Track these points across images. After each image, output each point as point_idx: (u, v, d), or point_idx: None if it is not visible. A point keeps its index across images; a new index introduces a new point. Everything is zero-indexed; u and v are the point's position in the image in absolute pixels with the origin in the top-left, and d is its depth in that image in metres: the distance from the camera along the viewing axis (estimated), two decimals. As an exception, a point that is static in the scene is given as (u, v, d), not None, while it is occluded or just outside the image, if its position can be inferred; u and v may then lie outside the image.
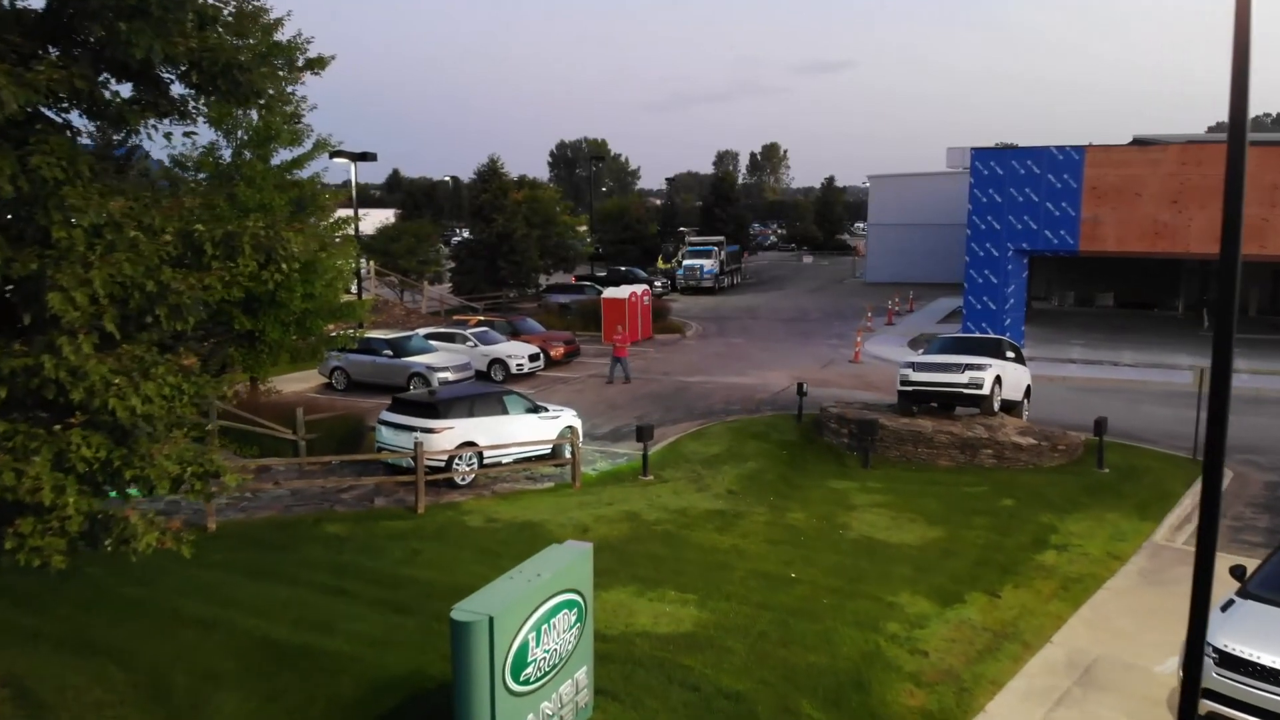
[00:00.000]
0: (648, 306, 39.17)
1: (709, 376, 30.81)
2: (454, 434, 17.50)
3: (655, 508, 16.41)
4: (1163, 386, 28.69)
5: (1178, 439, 22.28)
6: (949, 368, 20.31)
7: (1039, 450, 19.42)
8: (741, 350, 36.05)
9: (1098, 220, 32.03)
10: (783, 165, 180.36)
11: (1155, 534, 15.78)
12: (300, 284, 21.78)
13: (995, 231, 33.69)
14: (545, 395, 27.75)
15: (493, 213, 46.61)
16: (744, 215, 78.45)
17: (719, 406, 26.16)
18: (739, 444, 21.18)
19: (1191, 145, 31.74)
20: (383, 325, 37.47)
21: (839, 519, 16.05)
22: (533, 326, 34.66)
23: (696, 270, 57.30)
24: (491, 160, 48.00)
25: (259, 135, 22.13)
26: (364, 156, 36.26)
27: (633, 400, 27.13)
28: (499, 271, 46.56)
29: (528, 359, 30.41)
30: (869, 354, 34.38)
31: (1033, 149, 33.03)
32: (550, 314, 42.99)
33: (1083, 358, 32.69)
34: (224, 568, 13.51)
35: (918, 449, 19.73)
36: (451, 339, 31.17)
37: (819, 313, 47.67)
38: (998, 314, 34.11)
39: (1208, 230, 30.64)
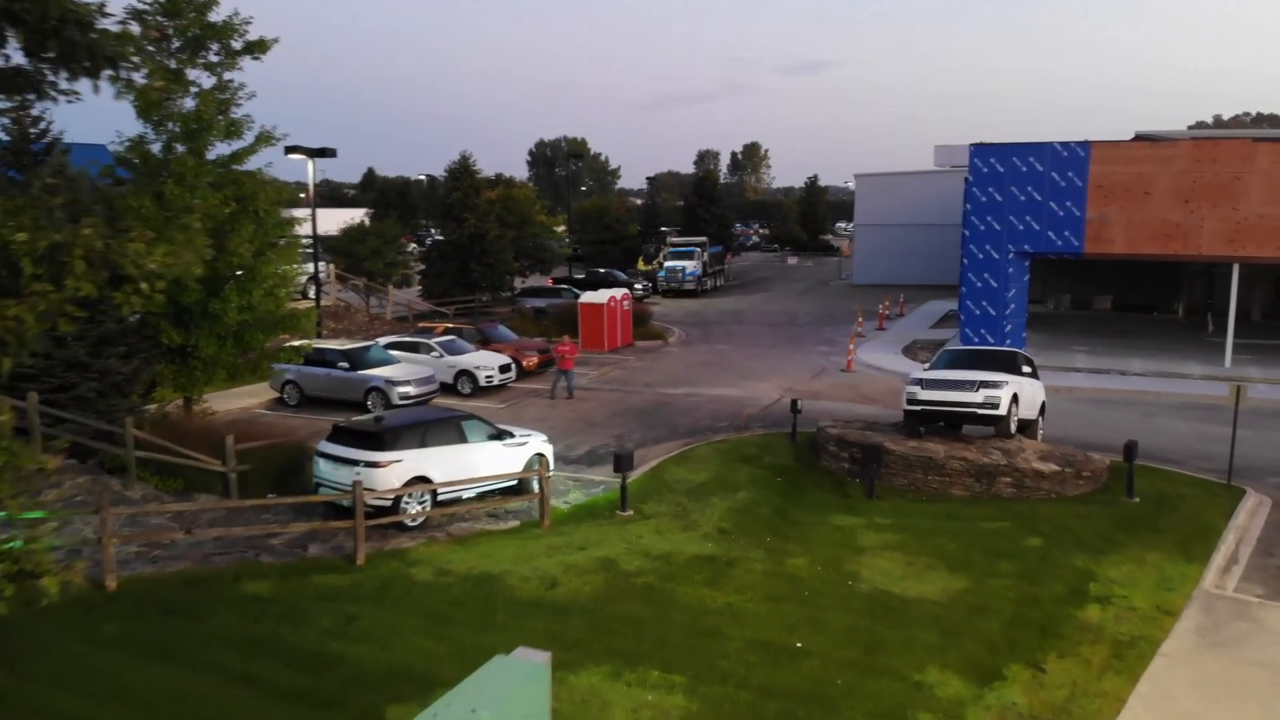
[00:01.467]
0: (628, 312, 37.01)
1: (693, 388, 28.68)
2: (402, 468, 15.25)
3: (635, 553, 14.24)
4: (1177, 398, 26.83)
5: (1205, 459, 20.40)
6: (961, 385, 18.26)
7: (1062, 478, 17.41)
8: (727, 358, 33.96)
9: (1104, 220, 30.17)
10: (764, 165, 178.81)
11: (1204, 579, 13.79)
12: (235, 293, 19.51)
13: (995, 232, 31.75)
14: (517, 410, 25.58)
15: (464, 212, 44.26)
16: (727, 215, 76.44)
17: (705, 423, 24.04)
18: (728, 470, 19.05)
19: (1205, 141, 29.94)
20: (344, 333, 35.12)
21: (847, 565, 13.94)
22: (504, 334, 32.39)
23: (679, 272, 55.19)
24: (463, 157, 45.67)
25: (189, 126, 19.80)
26: (322, 153, 33.90)
27: (611, 416, 24.95)
28: (470, 274, 44.23)
29: (498, 370, 28.16)
30: (862, 362, 32.37)
31: (1035, 145, 31.12)
32: (525, 319, 40.73)
33: (1088, 366, 30.80)
34: (117, 644, 11.22)
35: (928, 477, 17.67)
36: (415, 349, 28.87)
37: (807, 316, 45.67)
38: (998, 320, 32.19)
39: (1222, 231, 28.87)
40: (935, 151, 67.87)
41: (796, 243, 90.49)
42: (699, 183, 74.86)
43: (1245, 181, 28.23)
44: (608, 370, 31.75)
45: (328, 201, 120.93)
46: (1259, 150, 28.24)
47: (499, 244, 44.81)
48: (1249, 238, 28.40)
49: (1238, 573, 14.26)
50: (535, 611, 12.04)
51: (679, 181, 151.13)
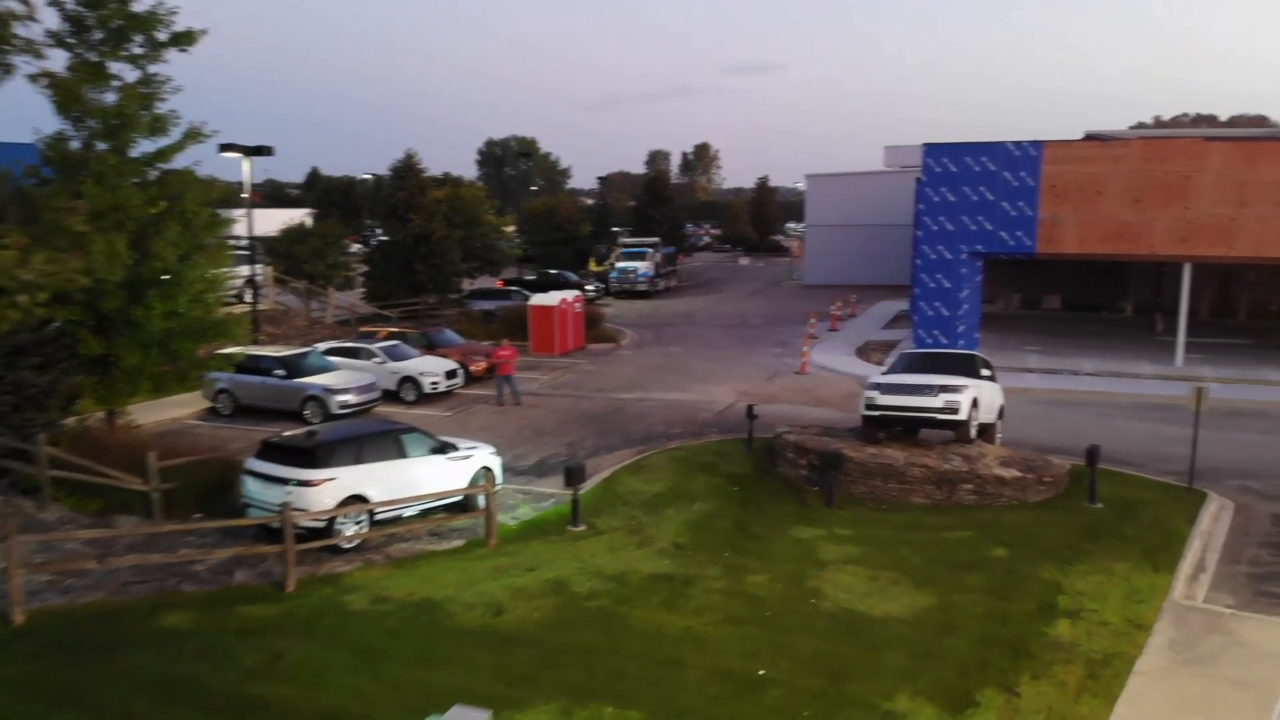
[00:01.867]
0: (580, 314, 36.18)
1: (647, 393, 27.97)
2: (336, 486, 14.29)
3: (588, 572, 13.46)
4: (1131, 399, 26.79)
5: (1164, 461, 20.22)
6: (921, 389, 17.79)
7: (1024, 484, 17.01)
8: (681, 361, 33.31)
9: (1057, 220, 30.07)
10: (714, 165, 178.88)
11: (1173, 589, 13.42)
12: (159, 300, 18.34)
13: (948, 233, 31.52)
14: (464, 418, 24.65)
15: (409, 212, 43.02)
16: (679, 215, 75.88)
17: (659, 429, 23.34)
18: (684, 479, 18.35)
19: (1156, 140, 30.02)
20: (283, 338, 33.80)
21: (809, 582, 13.32)
22: (451, 338, 31.37)
23: (631, 273, 54.51)
24: (408, 155, 44.41)
25: (110, 122, 18.58)
26: (259, 150, 32.60)
27: (562, 424, 24.13)
28: (416, 276, 42.99)
29: (444, 376, 27.16)
30: (816, 364, 31.93)
31: (988, 144, 30.94)
32: (473, 322, 39.69)
33: (1041, 366, 30.72)
34: (19, 687, 10.18)
35: (888, 484, 17.16)
36: (356, 354, 27.74)
37: (759, 318, 45.25)
38: (951, 320, 31.97)
39: (1173, 231, 28.91)
40: (885, 152, 67.93)
41: (748, 243, 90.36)
42: (650, 183, 74.24)
43: (1196, 181, 28.31)
44: (559, 375, 30.92)
45: (270, 201, 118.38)
46: (1210, 149, 28.33)
47: (445, 244, 43.65)
48: (1200, 237, 28.48)
49: (1206, 581, 13.93)
50: (479, 642, 11.22)
51: (630, 182, 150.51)
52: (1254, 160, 27.83)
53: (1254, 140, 29.25)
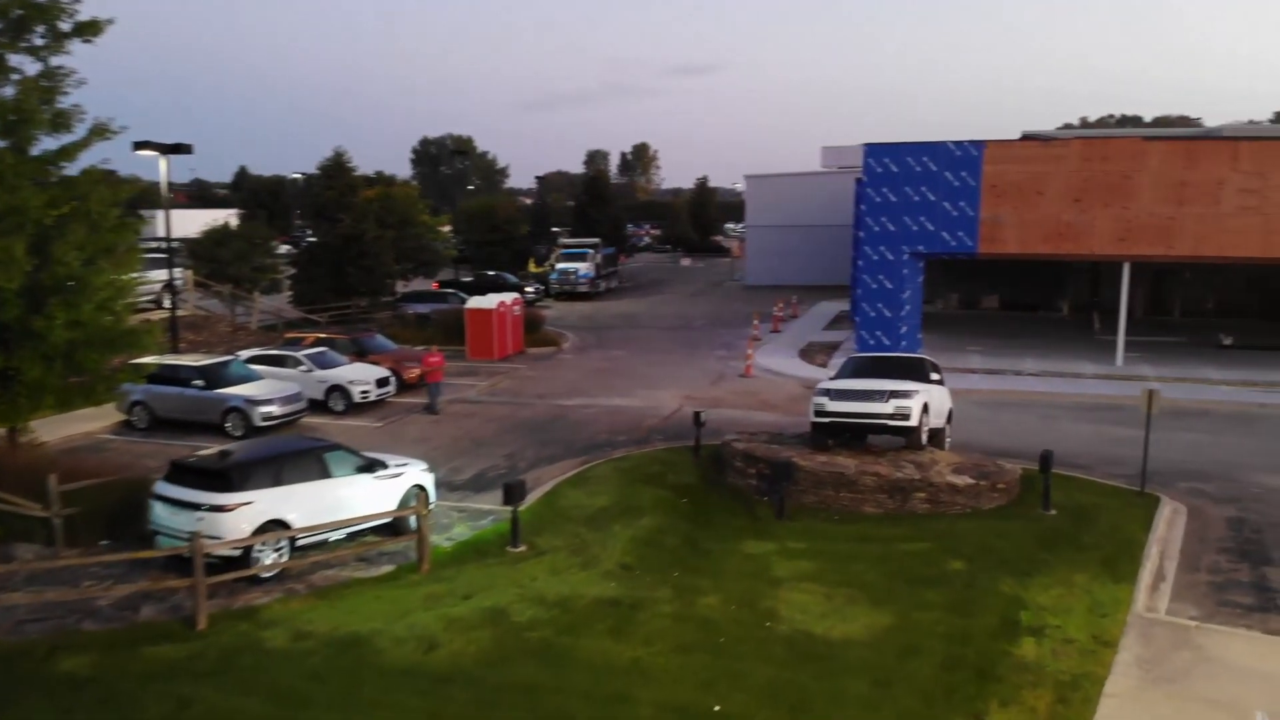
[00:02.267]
0: (519, 317, 35.17)
1: (590, 399, 27.13)
2: (253, 511, 13.18)
3: (528, 599, 12.59)
4: (1074, 399, 26.76)
5: (1113, 464, 20.05)
6: (871, 395, 17.27)
7: (977, 491, 16.58)
8: (624, 365, 32.53)
9: (998, 220, 30.01)
10: (653, 165, 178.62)
11: (1135, 601, 13.05)
12: (61, 308, 16.92)
13: (890, 233, 31.28)
14: (396, 429, 23.53)
15: (338, 212, 41.56)
16: (619, 215, 75.11)
17: (603, 438, 22.52)
18: (630, 492, 17.56)
19: (1095, 140, 30.14)
20: (204, 345, 32.18)
21: (763, 602, 12.63)
22: (383, 344, 30.11)
23: (571, 274, 53.58)
24: (337, 153, 42.91)
25: (7, 118, 17.12)
26: (177, 148, 30.89)
27: (501, 433, 23.17)
28: (346, 278, 41.50)
29: (375, 384, 25.95)
30: (761, 367, 31.42)
31: (929, 144, 30.76)
32: (407, 326, 38.40)
33: (983, 367, 30.61)
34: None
35: (839, 494, 16.58)
36: (281, 362, 26.39)
37: (702, 319, 44.70)
38: (893, 321, 31.75)
39: (1113, 230, 29.04)
40: (822, 152, 68.43)
41: (689, 244, 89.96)
42: (590, 182, 73.32)
43: (1136, 180, 28.44)
44: (498, 381, 29.90)
45: (196, 202, 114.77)
46: (1149, 149, 28.50)
47: (377, 245, 42.21)
48: (1140, 237, 28.63)
49: (1167, 591, 13.60)
50: (410, 683, 10.29)
51: (569, 181, 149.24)
52: (1193, 160, 28.06)
53: (1192, 140, 29.54)
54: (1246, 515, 16.77)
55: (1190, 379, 28.20)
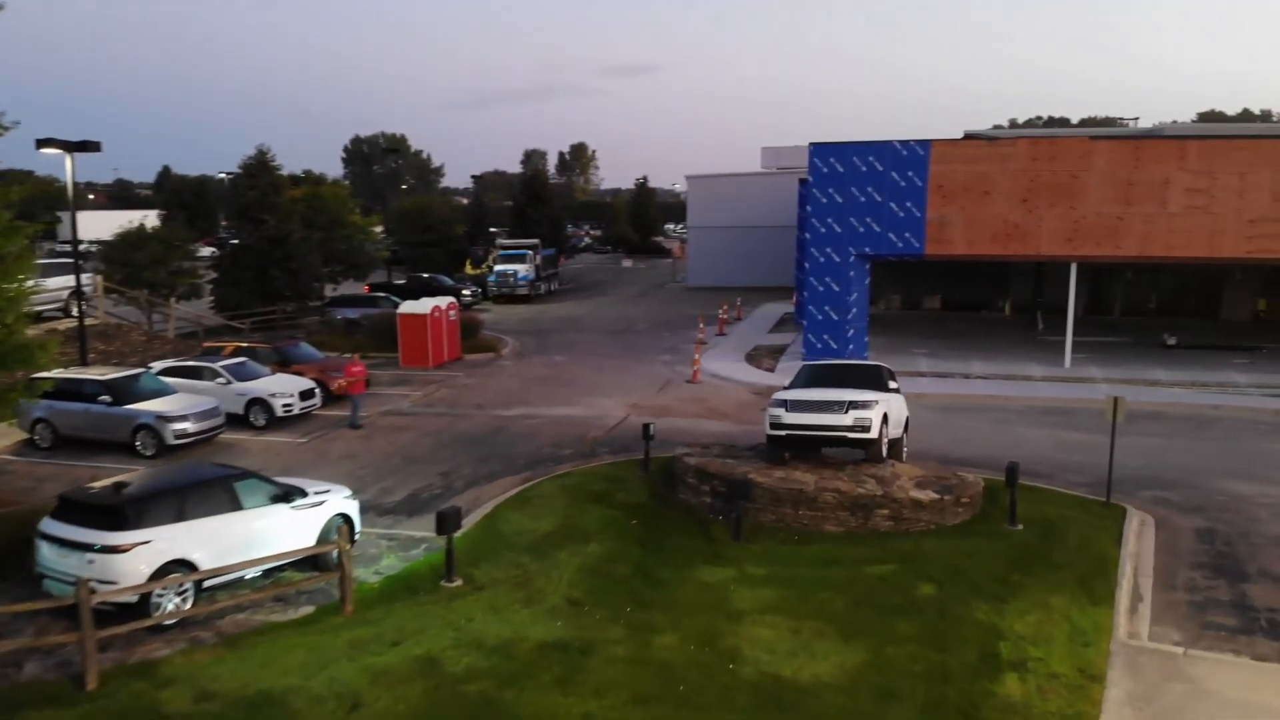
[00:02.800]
0: (454, 322, 33.64)
1: (532, 408, 25.82)
2: (152, 551, 11.67)
3: (465, 644, 11.30)
4: (1025, 402, 26.27)
5: (1072, 471, 19.47)
6: (828, 406, 16.31)
7: (941, 506, 15.74)
8: (567, 372, 31.27)
9: (945, 221, 29.47)
10: (592, 165, 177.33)
11: (1116, 627, 12.28)
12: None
13: (836, 235, 30.54)
14: (322, 446, 21.95)
15: (262, 213, 39.47)
16: (559, 216, 73.64)
17: (546, 451, 21.26)
18: (576, 513, 16.34)
19: (1042, 140, 29.74)
20: (116, 356, 30.04)
21: (724, 640, 11.54)
22: (308, 353, 28.36)
23: (510, 276, 52.07)
24: (260, 152, 40.74)
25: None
26: (84, 146, 28.68)
27: (437, 448, 21.75)
28: (271, 282, 39.48)
29: (299, 397, 24.27)
30: (708, 372, 30.42)
31: (875, 144, 30.10)
32: (335, 332, 36.61)
33: (931, 370, 30.04)
34: None
35: (798, 512, 15.60)
36: (198, 374, 24.58)
37: (646, 322, 43.62)
38: (840, 324, 31.04)
39: (1060, 230, 28.68)
40: (762, 153, 67.84)
41: (629, 244, 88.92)
42: (528, 182, 71.65)
43: (1083, 180, 28.11)
44: (433, 390, 28.41)
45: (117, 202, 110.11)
46: (1096, 149, 28.19)
47: (304, 247, 40.25)
48: (1087, 237, 28.31)
49: (1147, 613, 12.86)
50: (328, 755, 8.96)
51: (506, 181, 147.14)
52: (1139, 159, 27.81)
53: (1139, 139, 29.34)
54: (1215, 526, 16.22)
55: (1139, 381, 27.95)
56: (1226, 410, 24.93)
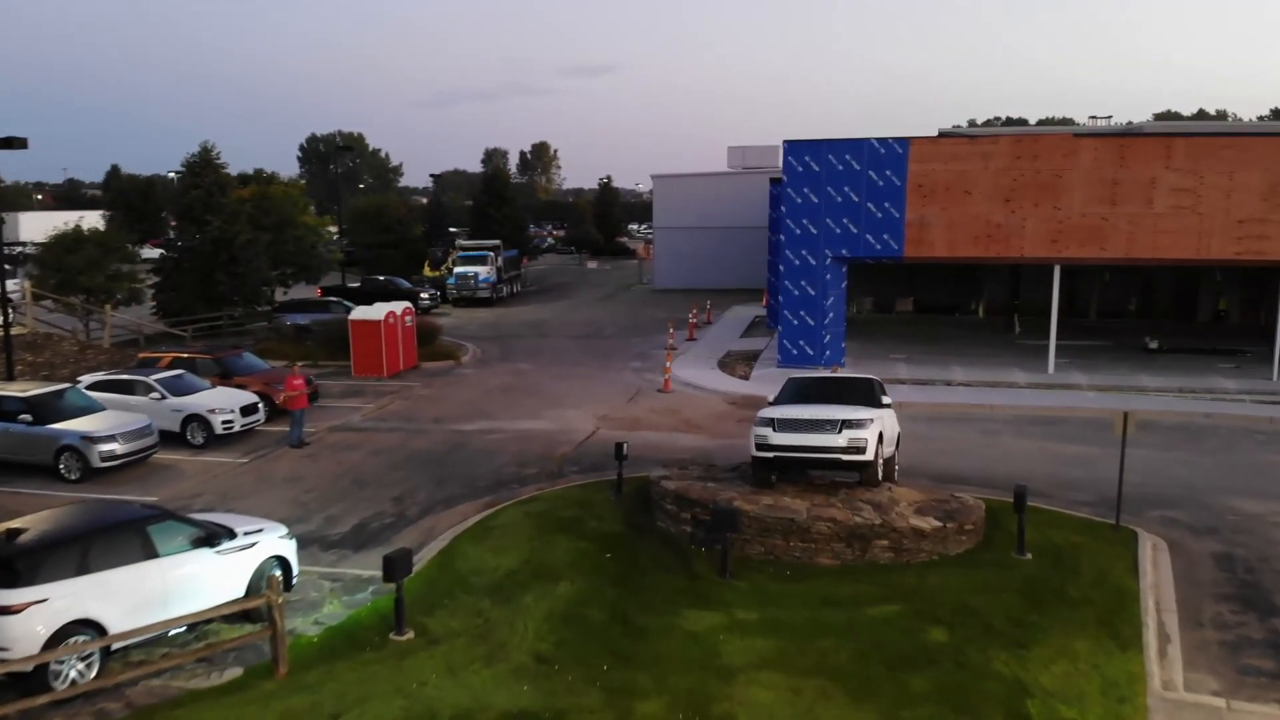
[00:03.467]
0: (411, 329, 31.86)
1: (494, 421, 24.20)
2: (50, 612, 9.94)
3: (417, 717, 9.71)
4: (1011, 411, 25.12)
5: (1071, 489, 18.31)
6: (820, 425, 14.92)
7: (944, 534, 14.42)
8: (532, 381, 29.66)
9: (925, 222, 28.31)
10: (554, 165, 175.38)
11: (1150, 677, 11.00)
12: None
13: (812, 237, 29.28)
14: (264, 467, 20.16)
15: (206, 213, 37.40)
16: (521, 216, 71.82)
17: (510, 471, 19.67)
18: (543, 545, 14.78)
19: (1025, 137, 28.70)
20: (47, 368, 27.91)
21: (717, 706, 10.08)
22: (252, 363, 26.43)
23: (471, 278, 50.26)
24: (204, 148, 38.61)
25: None
26: (8, 143, 26.60)
27: (390, 468, 20.06)
28: (216, 286, 37.41)
29: (240, 412, 22.42)
30: (680, 380, 28.98)
31: (851, 141, 28.87)
32: (284, 339, 34.68)
33: (911, 377, 28.82)
34: None
35: (789, 543, 14.19)
36: (130, 389, 22.65)
37: (613, 326, 42.08)
38: (816, 330, 29.78)
39: (1044, 231, 27.65)
40: (728, 153, 66.62)
41: (593, 245, 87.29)
42: (489, 181, 69.73)
43: (1067, 179, 27.10)
44: (387, 402, 26.65)
45: (63, 203, 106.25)
46: (1080, 146, 27.18)
47: (250, 250, 38.21)
48: (1071, 238, 27.30)
49: (1177, 657, 11.60)
50: None
51: (467, 180, 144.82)
52: (1125, 157, 26.84)
53: (1125, 136, 28.39)
54: (1233, 550, 15.08)
55: (1126, 387, 26.97)
56: (1220, 419, 23.97)
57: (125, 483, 19.07)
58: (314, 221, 45.98)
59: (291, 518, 16.71)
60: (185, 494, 18.53)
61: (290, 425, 22.21)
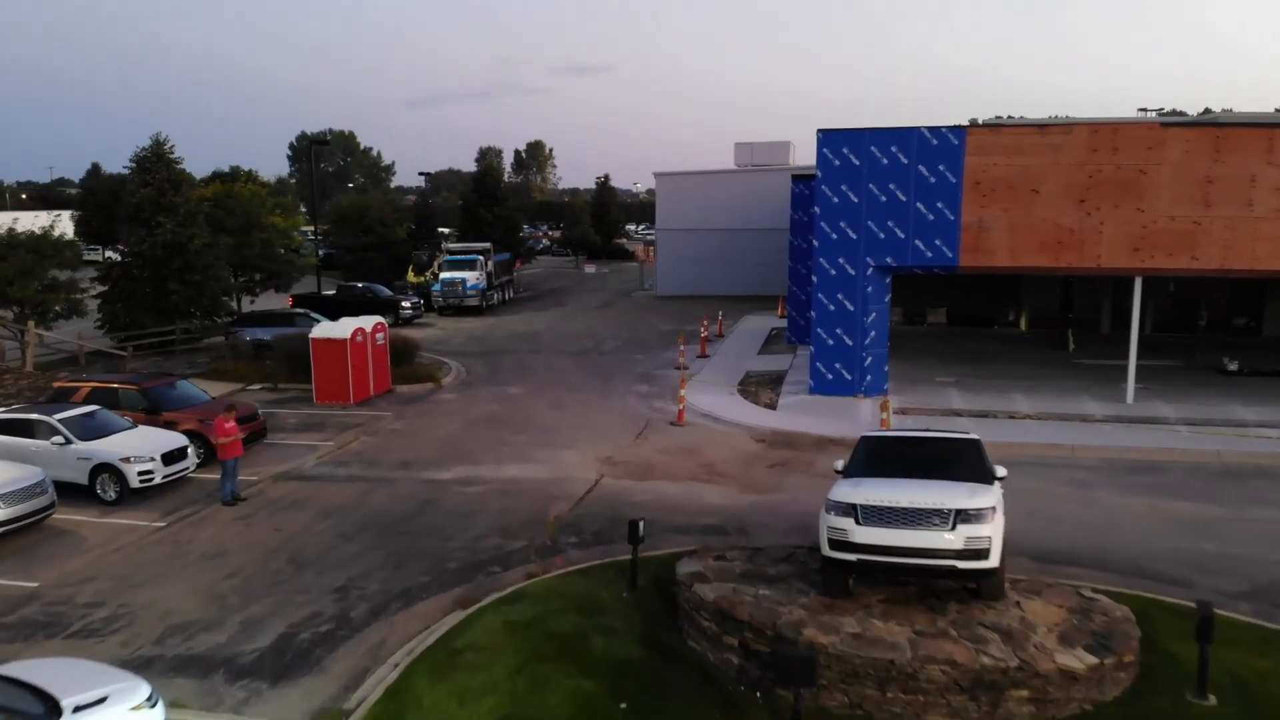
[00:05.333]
0: (382, 348, 27.61)
1: (474, 467, 19.98)
2: None
3: None
4: (1098, 455, 20.89)
5: (1213, 572, 14.23)
6: (924, 517, 10.66)
7: (1100, 675, 10.21)
8: (521, 409, 25.41)
9: (984, 226, 24.12)
10: (549, 164, 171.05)
11: None
12: None
13: (851, 242, 25.07)
14: (184, 535, 15.80)
15: (157, 215, 33.08)
16: (514, 216, 67.44)
17: (489, 544, 15.44)
18: (532, 689, 10.52)
19: (1104, 126, 24.42)
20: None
21: None
22: (188, 395, 22.06)
23: (457, 285, 45.99)
24: (155, 141, 34.26)
25: None
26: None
27: (338, 540, 15.80)
28: (169, 296, 33.12)
29: (163, 460, 18.14)
30: (696, 410, 24.76)
31: (897, 130, 24.68)
32: (241, 358, 30.42)
33: (967, 408, 24.54)
34: None
35: (886, 694, 9.95)
36: (28, 430, 18.38)
37: (614, 339, 37.81)
38: (855, 351, 25.59)
39: (1124, 238, 23.45)
40: (735, 149, 62.28)
41: (590, 247, 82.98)
42: (480, 179, 65.12)
43: (1152, 176, 22.92)
44: (349, 439, 22.40)
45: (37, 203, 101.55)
46: (1169, 137, 22.99)
47: (209, 255, 33.90)
48: (1157, 245, 23.11)
49: None
50: None
51: (461, 180, 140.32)
52: (1221, 151, 22.66)
53: (1220, 126, 24.17)
54: None
55: (1221, 422, 22.75)
56: (1358, 466, 19.79)
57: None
58: (284, 223, 41.65)
59: (199, 622, 12.54)
60: (72, 578, 14.29)
61: (222, 477, 17.94)
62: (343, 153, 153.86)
